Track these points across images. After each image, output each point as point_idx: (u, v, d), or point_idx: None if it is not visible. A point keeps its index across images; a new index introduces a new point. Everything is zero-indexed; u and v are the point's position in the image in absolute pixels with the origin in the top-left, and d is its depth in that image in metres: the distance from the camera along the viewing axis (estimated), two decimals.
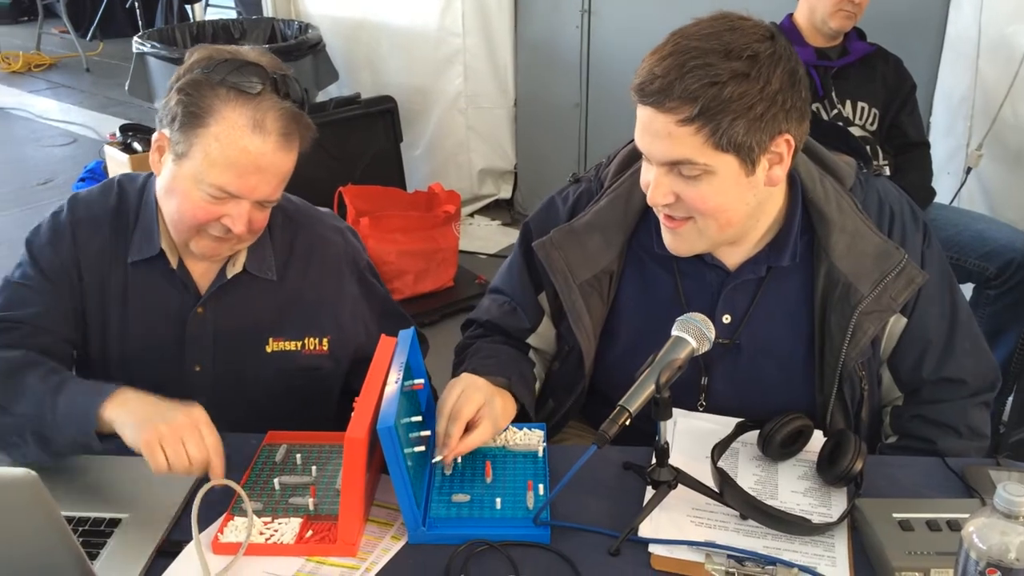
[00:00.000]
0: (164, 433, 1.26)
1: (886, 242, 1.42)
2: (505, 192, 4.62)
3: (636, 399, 1.22)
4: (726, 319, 1.47)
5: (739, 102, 1.24)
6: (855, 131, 2.76)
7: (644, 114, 1.30)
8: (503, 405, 1.44)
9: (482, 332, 1.63)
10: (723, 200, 1.32)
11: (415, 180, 4.35)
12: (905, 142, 2.88)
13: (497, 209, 4.65)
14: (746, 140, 1.27)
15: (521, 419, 1.50)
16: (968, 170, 2.93)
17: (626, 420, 1.21)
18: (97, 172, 4.52)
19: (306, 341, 1.61)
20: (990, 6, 2.88)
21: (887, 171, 2.81)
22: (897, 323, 1.46)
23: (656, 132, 1.29)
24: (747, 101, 1.24)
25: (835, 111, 2.77)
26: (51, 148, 5.87)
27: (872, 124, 2.82)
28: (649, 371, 1.24)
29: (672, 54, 1.26)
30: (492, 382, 1.45)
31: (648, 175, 1.35)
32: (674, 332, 1.28)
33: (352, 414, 1.22)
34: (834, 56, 2.83)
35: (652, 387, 1.23)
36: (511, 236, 4.41)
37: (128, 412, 1.31)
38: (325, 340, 1.62)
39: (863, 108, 2.81)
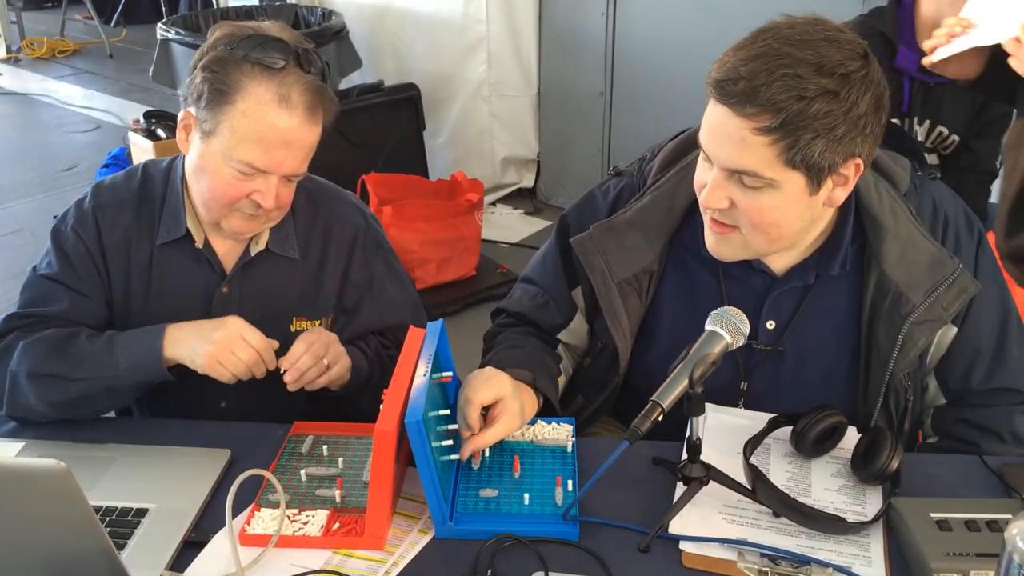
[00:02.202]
0: (214, 352, 1.41)
1: (940, 250, 1.37)
2: (528, 181, 4.60)
3: (669, 394, 1.21)
4: (770, 325, 1.43)
5: (823, 121, 1.19)
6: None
7: (718, 113, 1.24)
8: (525, 401, 1.41)
9: (512, 322, 1.61)
10: (779, 216, 1.28)
11: (438, 168, 4.33)
12: (967, 164, 2.60)
13: (519, 198, 4.62)
14: (819, 160, 1.22)
15: (547, 413, 1.48)
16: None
17: (659, 416, 1.19)
18: (120, 159, 4.52)
19: (323, 320, 1.61)
20: None
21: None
22: (947, 333, 1.41)
23: (727, 135, 1.23)
24: (831, 121, 1.19)
25: (911, 132, 2.52)
26: (75, 134, 5.90)
27: (946, 150, 2.57)
28: (682, 366, 1.22)
29: (762, 56, 1.20)
30: (515, 375, 1.42)
31: (705, 176, 1.30)
32: (708, 326, 1.25)
33: (381, 406, 1.21)
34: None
35: (685, 382, 1.21)
36: (533, 225, 4.38)
37: (182, 347, 1.44)
38: (330, 319, 1.62)
39: (941, 133, 2.55)
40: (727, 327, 1.24)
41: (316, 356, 1.45)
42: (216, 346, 1.40)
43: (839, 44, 1.21)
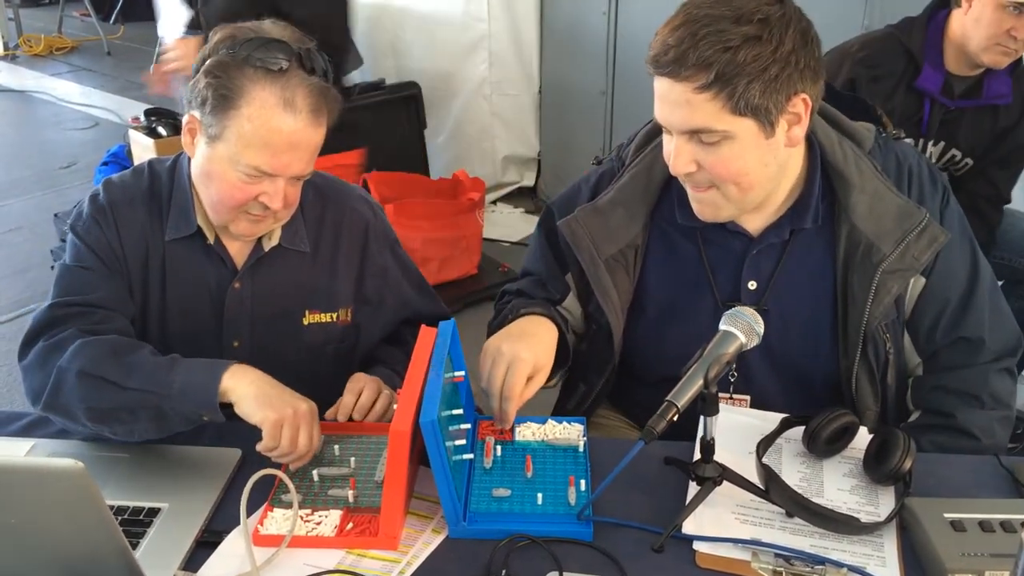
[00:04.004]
0: (289, 418, 1.32)
1: (907, 202, 1.43)
2: (528, 179, 4.60)
3: (684, 394, 1.21)
4: (752, 285, 1.48)
5: (753, 65, 1.26)
6: None
7: (661, 85, 1.32)
8: (545, 336, 1.44)
9: (512, 299, 1.65)
10: (744, 164, 1.33)
11: (438, 167, 4.33)
12: (986, 193, 2.58)
13: (520, 197, 4.62)
14: (763, 102, 1.28)
15: (559, 411, 1.49)
16: None
17: (674, 416, 1.20)
18: (120, 156, 4.50)
19: (340, 312, 1.62)
20: None
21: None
22: (917, 284, 1.46)
23: (674, 102, 1.30)
24: (761, 63, 1.26)
25: (925, 153, 2.48)
26: (73, 131, 5.89)
27: (958, 172, 2.56)
28: (697, 366, 1.23)
29: (684, 24, 1.28)
30: (531, 311, 1.48)
31: (669, 146, 1.37)
32: (722, 327, 1.26)
33: (395, 406, 1.21)
34: (958, 91, 2.45)
35: (700, 382, 1.21)
36: (534, 224, 4.34)
37: (250, 383, 1.35)
38: (349, 310, 1.63)
39: (954, 156, 2.54)
40: (742, 327, 1.24)
41: (363, 409, 1.46)
42: (294, 414, 1.32)
43: None
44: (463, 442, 1.32)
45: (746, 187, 1.36)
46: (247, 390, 1.34)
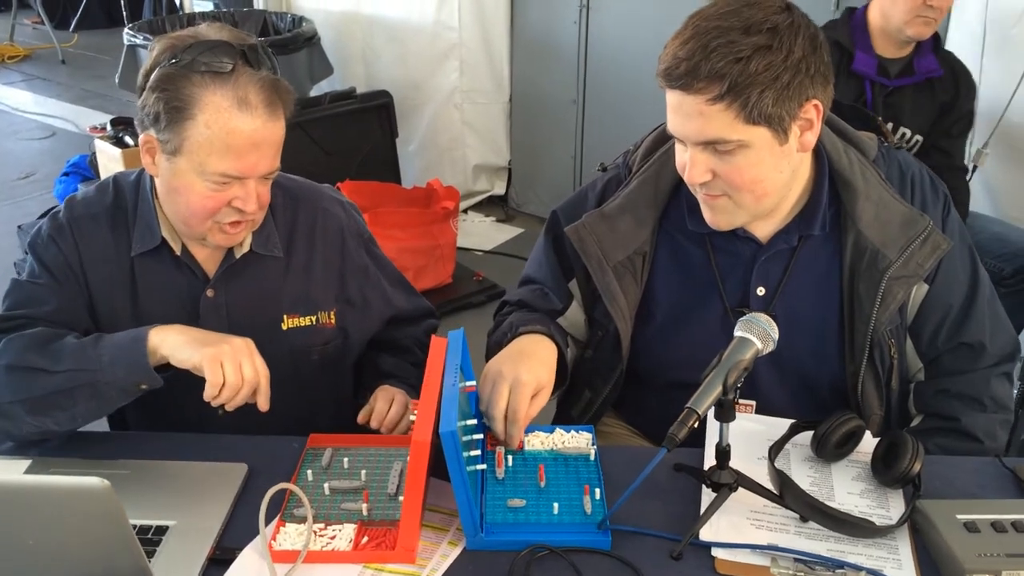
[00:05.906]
0: (227, 351, 1.32)
1: (911, 210, 1.45)
2: (499, 188, 4.59)
3: (704, 400, 1.21)
4: (760, 291, 1.49)
5: (765, 74, 1.26)
6: None
7: (674, 98, 1.32)
8: (545, 355, 1.44)
9: (514, 310, 1.64)
10: (759, 171, 1.35)
11: (409, 176, 4.31)
12: (941, 163, 2.65)
13: (490, 205, 4.61)
14: (776, 110, 1.29)
15: (562, 420, 1.48)
16: (973, 168, 2.94)
17: (695, 423, 1.20)
18: (82, 166, 4.41)
19: (319, 315, 1.61)
20: (995, 5, 2.90)
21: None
22: (920, 290, 1.48)
23: (687, 113, 1.31)
24: (773, 72, 1.27)
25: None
26: (29, 141, 5.75)
27: (911, 151, 2.60)
28: (715, 372, 1.23)
29: (694, 36, 1.28)
30: (531, 330, 1.47)
31: (683, 156, 1.38)
32: (738, 333, 1.26)
33: (414, 417, 1.20)
34: (894, 72, 2.62)
35: (719, 388, 1.22)
36: (506, 233, 4.38)
37: (179, 332, 1.37)
38: (332, 313, 1.62)
39: (904, 134, 2.65)
40: (757, 333, 1.25)
41: (393, 420, 1.48)
42: (231, 347, 1.32)
43: (759, 5, 1.30)
44: (477, 452, 1.30)
45: (760, 194, 1.37)
46: (177, 339, 1.35)
